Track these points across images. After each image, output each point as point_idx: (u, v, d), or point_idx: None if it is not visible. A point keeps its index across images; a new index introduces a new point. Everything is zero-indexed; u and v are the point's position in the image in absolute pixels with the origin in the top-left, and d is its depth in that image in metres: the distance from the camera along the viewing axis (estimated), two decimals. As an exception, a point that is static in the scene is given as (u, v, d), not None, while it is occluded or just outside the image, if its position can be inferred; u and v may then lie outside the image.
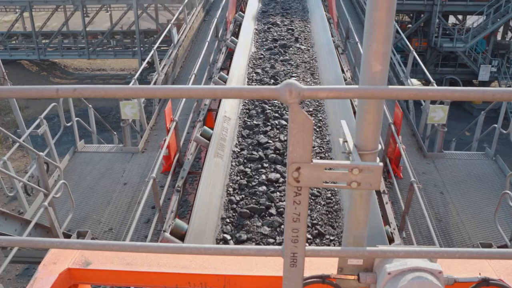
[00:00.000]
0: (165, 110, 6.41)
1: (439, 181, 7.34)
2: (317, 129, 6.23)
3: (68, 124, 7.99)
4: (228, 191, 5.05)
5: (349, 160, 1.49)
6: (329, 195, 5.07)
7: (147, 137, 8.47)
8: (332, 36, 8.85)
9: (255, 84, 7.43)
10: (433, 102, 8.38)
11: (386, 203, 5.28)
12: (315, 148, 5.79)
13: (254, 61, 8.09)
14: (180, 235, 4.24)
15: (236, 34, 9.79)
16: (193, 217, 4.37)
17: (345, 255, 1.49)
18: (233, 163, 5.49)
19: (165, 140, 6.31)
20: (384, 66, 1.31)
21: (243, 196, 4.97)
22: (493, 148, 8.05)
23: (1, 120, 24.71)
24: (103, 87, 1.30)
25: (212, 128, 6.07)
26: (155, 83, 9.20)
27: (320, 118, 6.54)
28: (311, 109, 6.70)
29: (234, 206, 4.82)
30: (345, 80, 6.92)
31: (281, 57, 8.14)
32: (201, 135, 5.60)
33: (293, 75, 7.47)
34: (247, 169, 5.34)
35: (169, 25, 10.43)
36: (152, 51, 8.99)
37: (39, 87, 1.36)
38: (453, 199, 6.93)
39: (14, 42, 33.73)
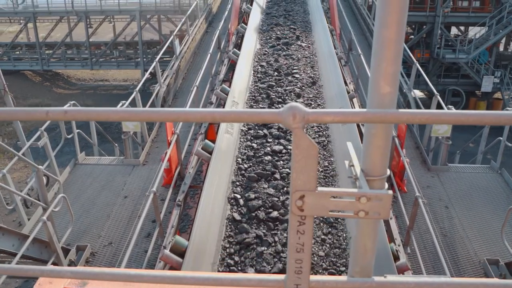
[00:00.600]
0: (166, 123, 6.35)
1: (444, 195, 7.23)
2: (321, 151, 6.09)
3: (69, 136, 7.94)
4: (237, 161, 5.70)
5: (356, 185, 1.41)
6: None
7: (148, 149, 8.40)
8: (335, 48, 8.81)
9: (260, 76, 8.08)
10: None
11: (391, 218, 5.18)
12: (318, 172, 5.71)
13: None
14: (181, 252, 4.15)
15: (238, 45, 9.76)
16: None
17: (352, 286, 1.40)
18: (241, 140, 6.15)
19: (166, 153, 6.24)
20: (393, 87, 1.24)
21: (251, 164, 5.59)
22: (499, 161, 7.95)
23: (4, 130, 24.74)
24: (95, 110, 1.23)
25: (213, 141, 6.01)
26: (157, 95, 9.16)
27: (324, 139, 6.39)
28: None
29: (243, 172, 5.43)
30: (348, 92, 6.86)
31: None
32: (202, 148, 5.53)
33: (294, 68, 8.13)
34: (253, 144, 6.01)
35: (171, 36, 10.43)
36: (154, 63, 8.96)
37: (29, 109, 1.29)
38: (459, 213, 6.81)
39: (18, 52, 33.94)
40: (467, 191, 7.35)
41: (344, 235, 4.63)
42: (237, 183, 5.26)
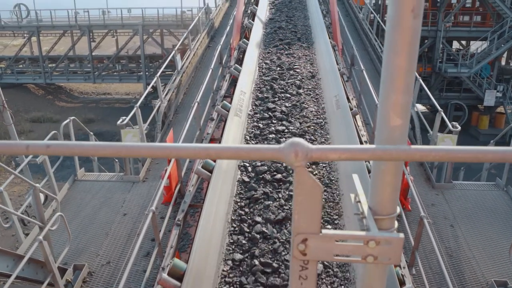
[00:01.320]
0: (166, 140, 6.26)
1: (449, 213, 7.08)
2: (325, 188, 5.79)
3: (68, 152, 7.84)
4: (246, 138, 6.58)
5: (363, 223, 1.30)
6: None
7: (148, 165, 8.30)
8: (337, 64, 8.75)
9: (265, 72, 8.81)
10: (441, 130, 8.20)
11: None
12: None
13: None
14: (179, 276, 4.01)
15: (240, 61, 9.72)
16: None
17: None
18: (249, 121, 7.02)
19: (166, 170, 6.13)
20: (404, 119, 1.13)
21: (257, 141, 6.47)
22: (504, 178, 7.81)
23: (5, 144, 24.69)
24: (79, 145, 1.13)
25: (214, 160, 5.93)
26: (157, 110, 9.09)
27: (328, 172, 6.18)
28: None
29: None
30: (351, 109, 6.76)
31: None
32: (202, 167, 5.42)
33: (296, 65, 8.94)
34: (259, 124, 6.86)
35: (173, 51, 10.40)
36: (155, 78, 8.90)
37: (9, 143, 1.19)
38: (464, 232, 6.66)
39: (21, 66, 34.14)
40: (472, 209, 7.20)
41: (338, 192, 5.46)
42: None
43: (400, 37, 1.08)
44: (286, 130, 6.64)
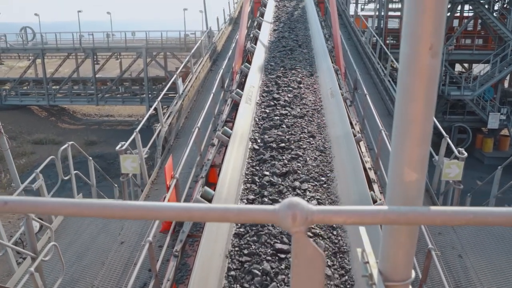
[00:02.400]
0: (165, 167, 6.10)
1: (457, 243, 6.83)
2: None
3: (66, 178, 7.69)
4: (255, 120, 7.73)
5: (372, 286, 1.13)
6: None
7: (147, 191, 8.12)
8: (340, 89, 8.64)
9: (271, 70, 9.70)
10: (448, 155, 8.01)
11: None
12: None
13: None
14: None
15: (242, 85, 9.65)
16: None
17: None
18: (257, 108, 8.16)
19: (164, 198, 5.96)
20: (420, 174, 0.97)
21: (265, 122, 7.74)
22: (513, 205, 7.58)
23: (7, 166, 24.65)
24: (41, 201, 0.97)
25: (214, 185, 5.76)
26: (158, 135, 8.97)
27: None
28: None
29: (260, 124, 7.63)
30: (354, 136, 6.61)
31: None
32: (201, 196, 5.25)
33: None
34: (266, 110, 8.05)
35: (174, 75, 10.34)
36: (156, 102, 8.81)
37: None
38: (474, 263, 6.40)
39: (25, 88, 34.36)
40: (481, 239, 6.95)
41: (330, 155, 6.66)
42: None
43: (415, 78, 0.93)
44: (289, 114, 7.80)
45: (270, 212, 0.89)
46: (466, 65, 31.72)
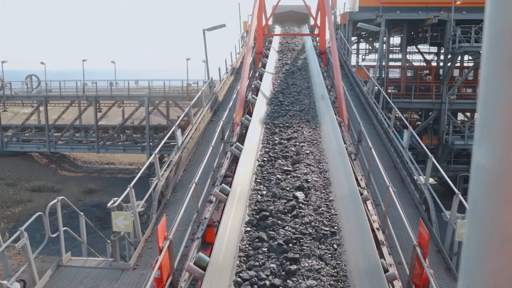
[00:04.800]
0: (158, 228, 5.66)
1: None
2: None
3: (54, 235, 7.23)
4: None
5: None
6: None
7: (140, 250, 7.62)
8: (344, 142, 8.34)
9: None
10: (460, 212, 7.56)
11: None
12: None
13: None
14: None
15: (242, 137, 9.36)
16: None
17: None
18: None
19: (157, 260, 5.49)
20: None
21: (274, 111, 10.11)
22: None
23: (2, 214, 24.02)
24: None
25: (211, 244, 5.31)
26: (154, 189, 8.58)
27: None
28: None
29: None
30: (361, 194, 6.22)
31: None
32: (195, 263, 4.79)
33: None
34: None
35: (173, 127, 10.09)
36: (153, 155, 8.49)
37: None
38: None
39: (27, 134, 34.35)
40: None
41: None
42: None
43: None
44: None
45: None
46: (468, 114, 31.72)
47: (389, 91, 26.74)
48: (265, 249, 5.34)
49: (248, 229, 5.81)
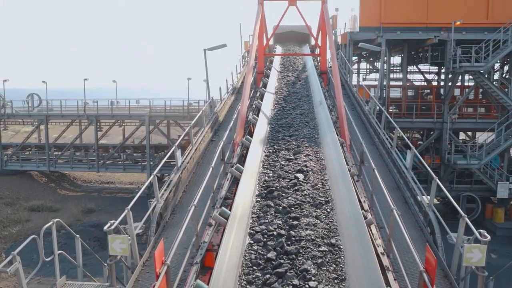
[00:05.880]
0: (155, 253, 5.47)
1: None
2: None
3: (48, 259, 7.02)
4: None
5: None
6: None
7: (138, 274, 7.39)
8: (347, 164, 8.19)
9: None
10: (466, 233, 7.35)
11: None
12: None
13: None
14: None
15: (243, 157, 9.22)
16: None
17: None
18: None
19: (154, 286, 5.29)
20: None
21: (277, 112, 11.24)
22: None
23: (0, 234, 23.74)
24: None
25: (211, 268, 5.12)
26: (153, 211, 8.40)
27: None
28: None
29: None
30: (365, 218, 6.04)
31: None
32: (193, 291, 4.59)
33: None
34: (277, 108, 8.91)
35: (173, 147, 9.95)
36: (152, 176, 8.33)
37: None
38: None
39: (27, 153, 34.26)
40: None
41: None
42: None
43: None
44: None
45: None
46: (469, 133, 31.61)
47: (390, 110, 26.69)
48: (272, 212, 6.65)
49: (258, 199, 7.11)
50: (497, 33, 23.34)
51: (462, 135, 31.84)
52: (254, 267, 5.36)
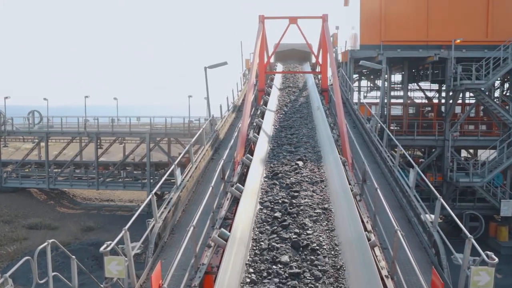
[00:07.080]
0: (152, 276, 5.31)
1: None
2: None
3: (42, 281, 6.82)
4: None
5: None
6: None
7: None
8: (349, 183, 8.04)
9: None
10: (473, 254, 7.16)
11: None
12: None
13: None
14: None
15: (243, 176, 9.08)
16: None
17: None
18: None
19: (150, 312, 5.11)
20: None
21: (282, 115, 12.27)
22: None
23: (-1, 246, 23.43)
24: None
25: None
26: (151, 231, 8.22)
27: None
28: None
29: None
30: (368, 240, 5.87)
31: None
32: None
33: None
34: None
35: (172, 166, 9.82)
36: (150, 195, 8.18)
37: None
38: None
39: (27, 170, 34.11)
40: None
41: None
42: None
43: None
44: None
45: None
46: (471, 151, 31.45)
47: (391, 128, 26.60)
48: (278, 187, 8.28)
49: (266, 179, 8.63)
50: (497, 51, 23.40)
51: (464, 153, 31.67)
52: None
